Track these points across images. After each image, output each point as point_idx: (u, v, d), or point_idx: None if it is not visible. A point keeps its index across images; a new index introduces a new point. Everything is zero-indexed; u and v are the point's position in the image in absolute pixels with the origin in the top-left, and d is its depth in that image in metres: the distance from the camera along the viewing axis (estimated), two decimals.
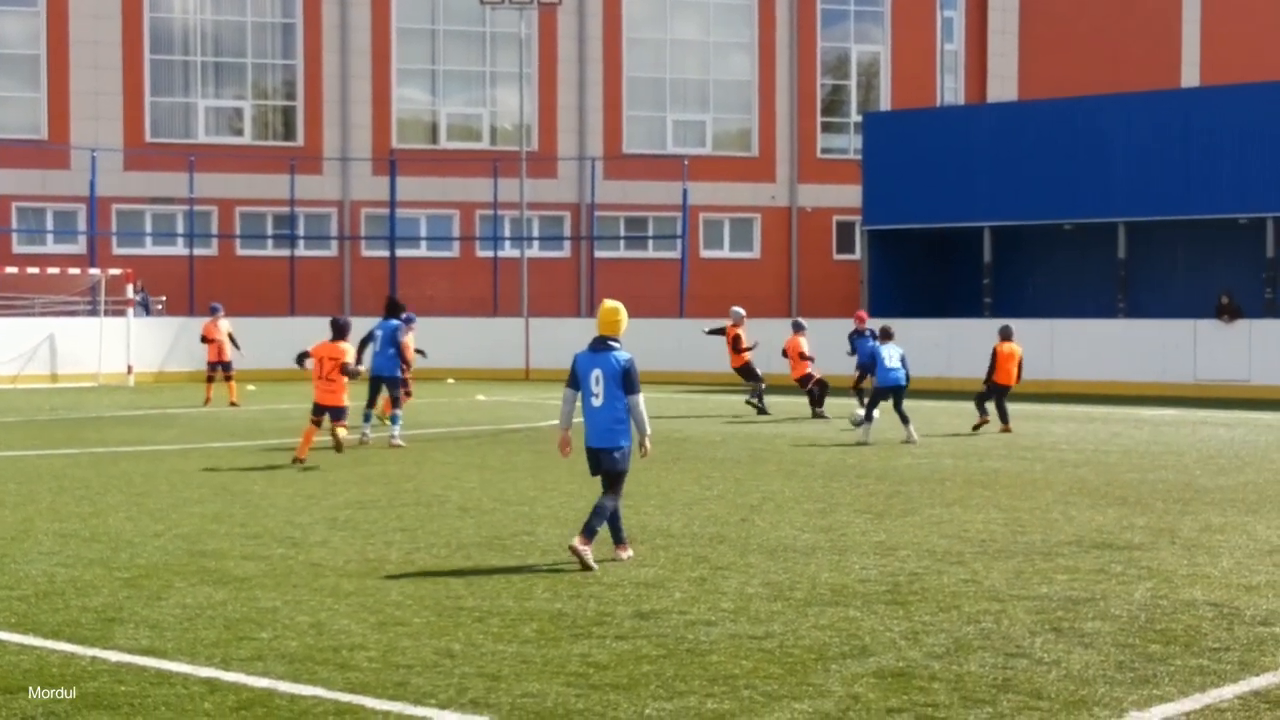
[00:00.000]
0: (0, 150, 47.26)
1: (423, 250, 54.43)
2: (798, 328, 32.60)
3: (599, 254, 54.75)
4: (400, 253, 52.18)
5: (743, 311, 33.45)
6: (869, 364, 28.57)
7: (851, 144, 57.22)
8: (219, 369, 35.07)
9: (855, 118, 57.29)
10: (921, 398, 34.95)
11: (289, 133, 53.96)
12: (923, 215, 47.16)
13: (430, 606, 11.34)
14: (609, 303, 13.61)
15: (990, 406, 27.93)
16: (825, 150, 58.01)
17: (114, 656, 9.73)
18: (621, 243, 55.98)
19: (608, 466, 13.43)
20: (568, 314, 52.51)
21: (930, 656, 9.76)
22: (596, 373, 13.23)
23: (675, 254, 53.41)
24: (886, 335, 26.90)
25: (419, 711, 8.45)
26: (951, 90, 59.04)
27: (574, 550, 12.93)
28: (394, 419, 24.62)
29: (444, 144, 54.90)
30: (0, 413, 31.99)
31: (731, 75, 57.27)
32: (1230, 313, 39.19)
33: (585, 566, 12.81)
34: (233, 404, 34.07)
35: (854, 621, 10.83)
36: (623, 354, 13.31)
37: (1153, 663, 9.64)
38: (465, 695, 8.79)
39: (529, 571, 12.82)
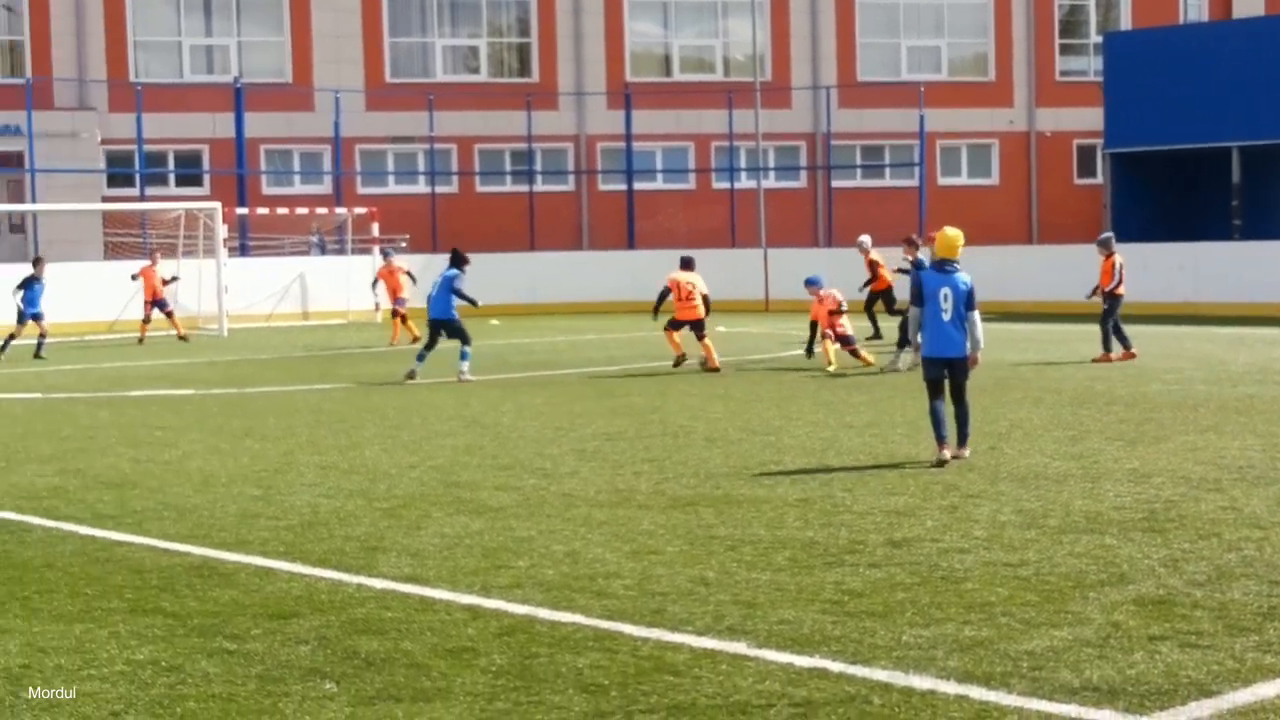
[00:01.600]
0: (248, 94, 48.37)
1: (659, 183, 54.55)
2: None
3: (835, 183, 54.38)
4: (637, 186, 52.41)
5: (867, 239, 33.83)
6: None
7: (1091, 65, 55.92)
8: (398, 306, 35.14)
9: (1095, 38, 55.92)
10: (1165, 323, 34.28)
11: (524, 69, 54.38)
12: (1167, 136, 45.97)
13: (682, 535, 11.47)
14: (951, 230, 15.06)
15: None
16: (1064, 73, 56.79)
17: (379, 584, 10.02)
18: (858, 171, 55.55)
19: (961, 374, 14.98)
20: (805, 244, 52.27)
21: (1191, 584, 9.62)
22: (945, 290, 14.84)
23: (912, 182, 52.84)
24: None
25: (676, 638, 8.57)
26: (1195, 7, 57.38)
27: (959, 458, 14.77)
28: (463, 355, 24.86)
29: (677, 76, 54.89)
30: (256, 350, 32.93)
31: None
32: None
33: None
34: (415, 339, 33.19)
35: (1111, 549, 10.70)
36: (966, 275, 14.90)
37: None
38: (722, 622, 8.89)
39: (779, 500, 12.87)
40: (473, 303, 25.78)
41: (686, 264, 27.96)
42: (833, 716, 7.22)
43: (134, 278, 36.69)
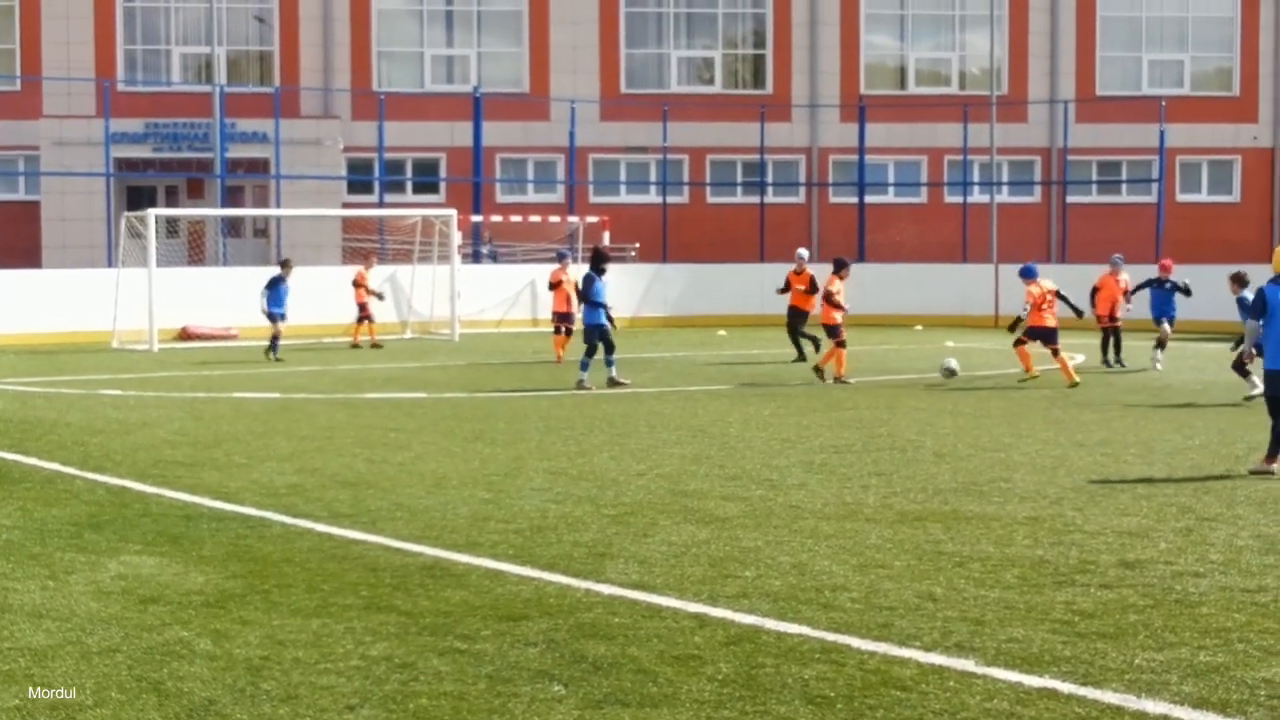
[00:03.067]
0: (486, 104, 49.12)
1: (890, 196, 54.26)
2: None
3: (1070, 199, 53.60)
4: (868, 199, 52.17)
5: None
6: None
7: None
8: (564, 321, 31.28)
9: None
10: None
11: (758, 81, 54.48)
12: None
13: (910, 550, 11.40)
14: None
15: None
16: None
17: (606, 589, 10.12)
18: (1094, 187, 54.69)
19: None
20: (1038, 260, 51.45)
21: None
22: None
23: (1150, 198, 51.84)
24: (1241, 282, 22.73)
25: (903, 653, 8.53)
26: None
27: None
28: (608, 362, 25.36)
29: (912, 89, 54.55)
30: (487, 355, 33.41)
31: (1212, 12, 55.14)
32: None
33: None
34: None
35: None
36: None
37: None
38: (949, 639, 8.83)
39: (1008, 518, 12.73)
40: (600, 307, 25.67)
41: (839, 265, 27.76)
42: None
43: (356, 284, 36.57)
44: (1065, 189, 53.40)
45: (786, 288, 32.01)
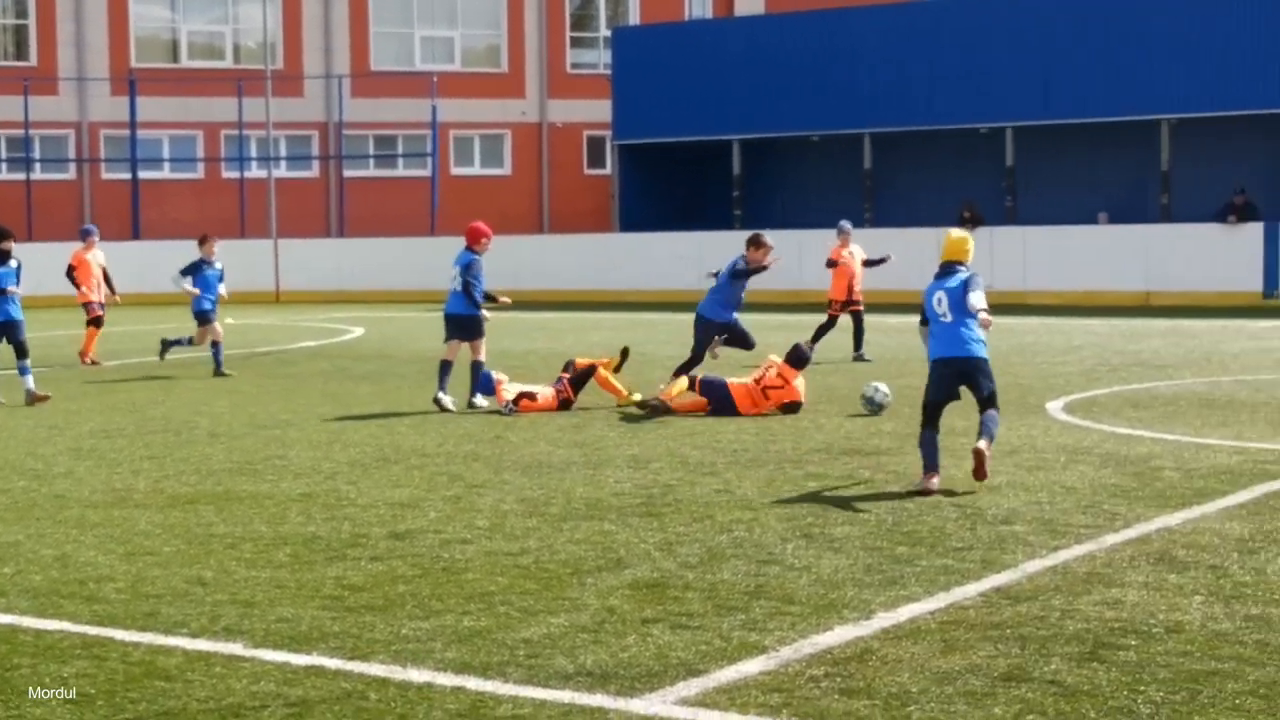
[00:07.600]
0: None
1: (166, 172, 53.14)
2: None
3: (348, 173, 54.05)
4: (143, 175, 50.91)
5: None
6: None
7: (601, 59, 57.07)
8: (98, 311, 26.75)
9: (605, 32, 57.19)
10: (672, 310, 35.27)
11: (21, 52, 52.19)
12: (673, 129, 47.32)
13: (180, 535, 11.16)
14: (954, 232, 13.81)
15: None
16: (575, 65, 57.80)
17: None
18: (371, 161, 55.32)
19: (980, 377, 13.08)
20: (318, 234, 51.78)
21: (684, 566, 9.88)
22: (938, 295, 13.21)
23: (425, 172, 52.93)
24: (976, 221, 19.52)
25: (170, 641, 8.33)
26: (700, 4, 59.21)
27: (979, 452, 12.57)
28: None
29: (186, 63, 53.56)
30: None
31: None
32: (973, 221, 40.01)
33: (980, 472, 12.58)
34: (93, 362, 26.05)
35: (609, 535, 10.91)
36: (963, 274, 13.25)
37: (899, 564, 9.88)
38: (218, 623, 8.68)
39: (281, 496, 12.67)
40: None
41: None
42: (328, 715, 7.12)
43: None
44: (342, 163, 53.79)
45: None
